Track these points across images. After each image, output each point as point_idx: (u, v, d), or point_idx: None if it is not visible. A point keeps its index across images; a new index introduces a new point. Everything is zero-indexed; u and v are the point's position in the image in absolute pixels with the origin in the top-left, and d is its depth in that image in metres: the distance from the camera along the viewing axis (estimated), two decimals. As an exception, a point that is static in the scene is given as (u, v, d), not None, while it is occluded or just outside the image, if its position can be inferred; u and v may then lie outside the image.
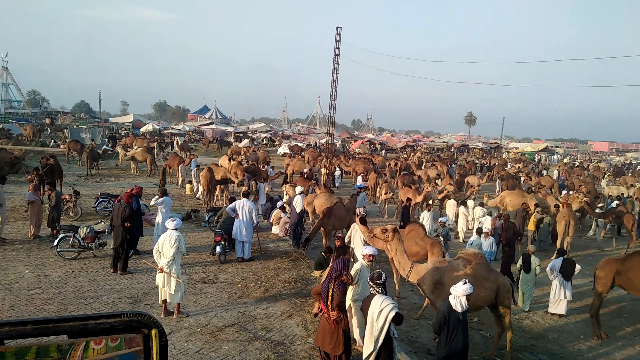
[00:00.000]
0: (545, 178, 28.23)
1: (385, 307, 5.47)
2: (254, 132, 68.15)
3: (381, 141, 69.11)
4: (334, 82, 28.70)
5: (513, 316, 8.70)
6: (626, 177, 32.05)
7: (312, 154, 38.32)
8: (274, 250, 12.77)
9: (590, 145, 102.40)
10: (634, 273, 9.00)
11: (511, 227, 14.26)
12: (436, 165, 32.83)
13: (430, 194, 19.29)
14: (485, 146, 74.01)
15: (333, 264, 6.15)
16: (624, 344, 9.05)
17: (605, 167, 46.40)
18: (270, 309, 8.65)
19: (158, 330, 1.99)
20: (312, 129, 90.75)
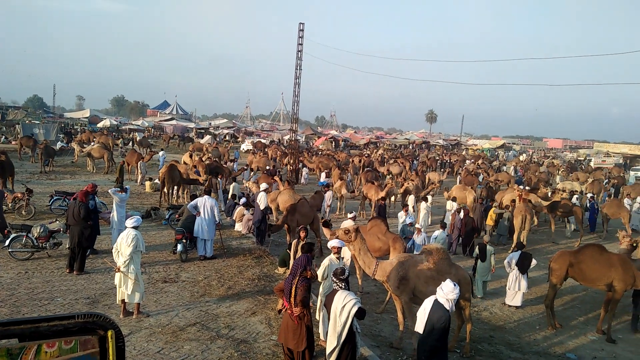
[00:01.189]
0: (502, 174, 29.16)
1: (348, 303, 5.52)
2: (216, 128, 67.17)
3: (345, 138, 69.51)
4: (297, 79, 28.63)
5: (472, 308, 8.94)
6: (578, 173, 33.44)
7: (275, 150, 38.20)
8: (237, 248, 12.66)
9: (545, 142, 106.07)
10: (585, 265, 9.41)
11: (470, 222, 14.69)
12: (398, 161, 33.30)
13: (393, 190, 19.61)
14: (445, 143, 75.57)
15: (296, 260, 6.16)
16: (576, 333, 9.46)
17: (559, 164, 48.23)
18: (234, 307, 8.58)
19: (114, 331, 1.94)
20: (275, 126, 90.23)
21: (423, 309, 5.63)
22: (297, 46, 28.55)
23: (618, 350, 8.76)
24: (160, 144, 48.69)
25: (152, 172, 24.72)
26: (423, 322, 5.48)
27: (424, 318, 5.50)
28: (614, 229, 19.13)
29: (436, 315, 5.39)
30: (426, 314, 5.52)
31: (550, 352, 8.48)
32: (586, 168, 43.11)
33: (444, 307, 5.45)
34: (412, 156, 45.09)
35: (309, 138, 65.91)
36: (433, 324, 5.37)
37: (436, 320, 5.35)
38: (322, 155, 37.31)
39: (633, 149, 66.68)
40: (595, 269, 9.26)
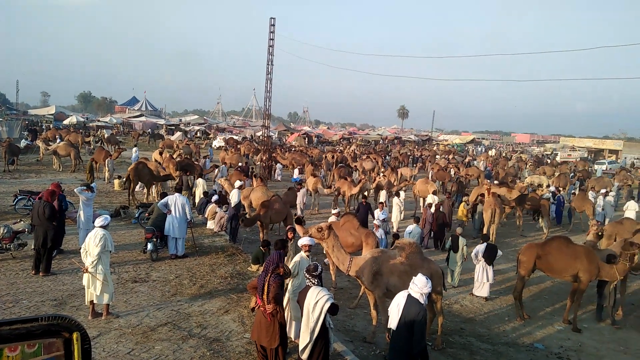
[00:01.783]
0: (472, 169, 29.70)
1: (321, 299, 5.54)
2: (187, 125, 66.24)
3: (318, 134, 69.59)
4: (268, 74, 28.48)
5: (443, 302, 9.10)
6: (545, 167, 34.33)
7: (248, 147, 37.93)
8: (209, 246, 12.54)
9: (513, 137, 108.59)
10: (552, 257, 9.68)
11: (441, 216, 14.93)
12: (371, 157, 33.54)
13: (366, 186, 19.76)
14: (417, 138, 76.50)
15: (269, 257, 6.14)
16: (544, 324, 9.74)
17: (527, 158, 49.44)
18: (206, 305, 8.50)
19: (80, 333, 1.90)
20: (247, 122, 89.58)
21: (396, 304, 5.70)
22: (269, 41, 28.41)
23: (583, 339, 9.06)
24: (130, 141, 47.77)
25: (121, 170, 24.23)
26: (396, 318, 5.55)
27: (397, 314, 5.56)
28: (579, 221, 19.78)
29: (413, 311, 5.46)
30: (400, 309, 5.59)
31: (519, 342, 8.71)
32: (552, 162, 44.26)
33: (418, 301, 5.54)
34: (384, 152, 45.47)
35: (281, 134, 65.71)
36: (412, 320, 5.43)
37: (414, 315, 5.43)
38: (295, 151, 37.26)
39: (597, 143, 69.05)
40: (562, 260, 9.54)
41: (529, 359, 8.01)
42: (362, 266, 7.63)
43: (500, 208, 15.60)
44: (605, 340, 9.12)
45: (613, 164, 45.76)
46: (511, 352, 8.21)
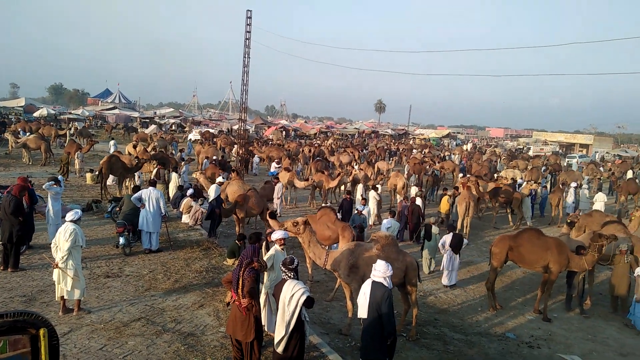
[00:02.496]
0: (447, 162, 30.07)
1: (296, 292, 5.54)
2: (161, 118, 65.25)
3: (295, 127, 69.38)
4: (245, 67, 28.18)
5: (418, 293, 9.22)
6: (518, 161, 35.00)
7: (224, 140, 37.58)
8: (184, 240, 12.41)
9: (488, 131, 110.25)
10: (524, 249, 9.90)
11: (417, 210, 15.08)
12: (348, 151, 33.63)
13: (344, 179, 19.82)
14: (394, 132, 76.99)
15: (243, 251, 6.11)
16: (515, 314, 9.96)
17: (500, 152, 50.31)
18: (180, 300, 8.43)
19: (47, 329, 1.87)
20: (224, 115, 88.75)
21: (363, 294, 5.80)
22: (245, 34, 28.09)
23: (553, 328, 9.30)
24: (103, 134, 46.86)
25: (93, 163, 23.74)
26: (366, 306, 5.64)
27: (366, 302, 5.66)
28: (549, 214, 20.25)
29: (378, 294, 5.59)
30: (367, 297, 5.69)
31: (491, 332, 8.89)
32: (524, 156, 45.11)
33: (382, 284, 5.68)
34: (361, 146, 45.65)
35: (258, 128, 65.30)
36: (378, 303, 5.55)
37: (380, 298, 5.55)
38: (272, 145, 37.09)
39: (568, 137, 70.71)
40: (533, 251, 9.76)
41: (500, 348, 8.18)
42: (338, 259, 7.68)
43: (474, 201, 15.86)
44: (574, 329, 9.37)
45: (584, 158, 46.96)
46: (484, 341, 8.38)
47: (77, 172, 21.53)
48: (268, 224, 12.55)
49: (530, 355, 8.05)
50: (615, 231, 10.98)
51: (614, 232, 10.79)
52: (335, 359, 6.73)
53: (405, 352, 7.53)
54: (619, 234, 10.79)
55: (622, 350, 8.55)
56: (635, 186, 23.67)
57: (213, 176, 18.30)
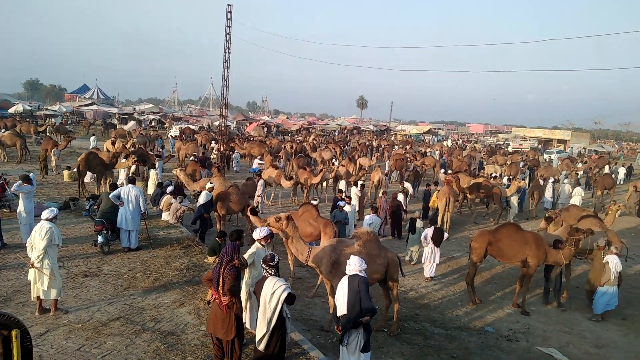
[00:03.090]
0: (428, 158, 30.27)
1: (277, 289, 5.53)
2: (141, 114, 64.35)
3: (277, 124, 69.12)
4: (225, 62, 27.99)
5: (399, 289, 9.30)
6: (497, 157, 35.43)
7: (205, 136, 37.25)
8: (164, 238, 12.27)
9: (468, 127, 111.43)
10: (503, 243, 10.04)
11: (397, 205, 15.18)
12: (330, 147, 33.64)
13: (326, 175, 19.82)
14: (375, 128, 77.29)
15: (224, 249, 6.08)
16: (494, 307, 10.10)
17: (480, 148, 50.90)
18: (160, 299, 8.34)
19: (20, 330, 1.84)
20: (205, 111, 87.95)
21: (340, 290, 5.83)
22: (226, 29, 27.91)
23: (531, 321, 9.46)
24: (80, 130, 46.05)
25: (71, 160, 23.33)
26: (344, 302, 5.66)
27: (344, 298, 5.69)
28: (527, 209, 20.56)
29: (354, 284, 5.65)
30: (345, 292, 5.72)
31: (470, 326, 9.00)
32: (503, 151, 45.70)
33: (357, 274, 5.79)
34: (343, 142, 45.70)
35: (240, 124, 64.91)
36: (356, 291, 5.59)
37: (357, 285, 5.60)
38: (253, 141, 36.89)
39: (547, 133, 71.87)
40: (512, 246, 9.91)
41: (480, 342, 8.30)
42: (320, 256, 7.68)
43: (454, 197, 16.03)
44: (551, 322, 9.55)
45: (561, 153, 47.76)
46: (463, 335, 8.49)
47: (53, 169, 21.13)
48: (249, 221, 12.51)
49: (509, 348, 8.19)
50: (592, 225, 11.20)
51: (590, 226, 11.01)
52: (317, 355, 6.75)
53: (387, 347, 7.59)
54: (595, 228, 11.01)
55: (598, 342, 8.75)
56: (611, 181, 24.19)
57: (193, 173, 18.14)
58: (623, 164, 37.55)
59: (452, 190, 16.21)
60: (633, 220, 20.61)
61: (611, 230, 11.61)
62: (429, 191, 17.49)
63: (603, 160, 36.59)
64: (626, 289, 11.43)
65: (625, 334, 9.22)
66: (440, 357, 7.54)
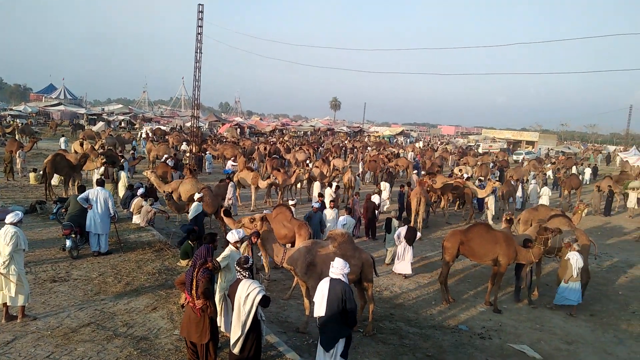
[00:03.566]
0: (401, 159, 30.60)
1: (252, 291, 5.49)
2: (110, 114, 63.03)
3: (250, 125, 68.73)
4: (197, 62, 27.71)
5: (374, 289, 9.36)
6: (468, 158, 36.09)
7: (177, 137, 36.76)
8: (135, 242, 12.04)
9: (439, 129, 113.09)
10: (474, 243, 10.22)
11: (371, 206, 15.28)
12: (304, 148, 33.63)
13: (300, 177, 19.80)
14: (349, 130, 77.66)
15: (197, 251, 5.99)
16: (467, 306, 10.26)
17: (451, 149, 51.71)
18: (132, 303, 8.17)
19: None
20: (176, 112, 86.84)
21: (320, 291, 5.82)
22: (197, 28, 27.63)
23: (503, 319, 9.65)
24: (47, 131, 44.85)
25: (37, 162, 22.67)
26: (324, 304, 5.66)
27: (324, 300, 5.68)
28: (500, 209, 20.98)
29: (338, 289, 5.64)
30: (325, 294, 5.71)
31: (444, 325, 9.13)
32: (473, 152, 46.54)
33: (340, 280, 5.74)
34: (317, 143, 45.77)
35: (212, 125, 64.30)
36: (339, 299, 5.58)
37: (340, 293, 5.60)
38: (226, 142, 36.58)
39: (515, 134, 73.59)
40: (483, 245, 10.09)
41: (454, 340, 8.42)
42: (295, 257, 7.67)
43: (425, 197, 16.19)
44: (522, 319, 9.76)
45: (530, 154, 48.96)
46: (437, 334, 8.59)
47: (19, 171, 20.50)
48: (223, 223, 12.40)
49: (482, 346, 8.33)
50: (560, 224, 11.50)
51: (559, 225, 11.32)
52: (293, 357, 6.73)
53: (362, 348, 7.62)
54: (563, 227, 11.30)
55: (567, 338, 8.98)
56: (578, 181, 25.01)
57: (164, 175, 17.89)
58: (589, 164, 38.74)
59: (424, 191, 16.40)
60: (599, 219, 21.30)
61: (579, 229, 11.94)
62: (402, 192, 17.66)
63: (570, 161, 37.68)
64: (594, 286, 11.81)
65: (593, 330, 9.50)
66: (415, 356, 7.62)
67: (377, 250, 13.62)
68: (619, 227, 19.99)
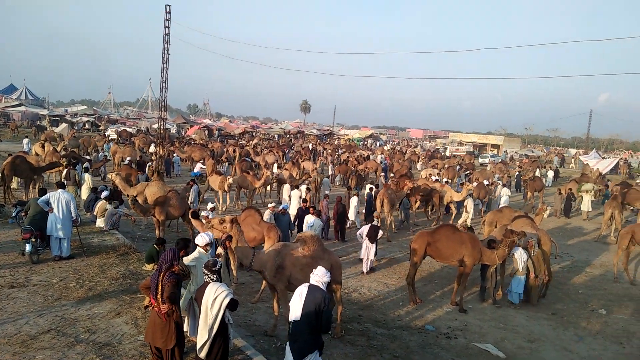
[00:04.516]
0: (370, 162, 30.87)
1: (220, 294, 5.43)
2: (73, 116, 61.32)
3: (219, 127, 68.07)
4: (164, 63, 27.26)
5: (343, 291, 9.38)
6: (436, 160, 36.71)
7: (143, 139, 36.08)
8: (98, 245, 11.72)
9: (408, 132, 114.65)
10: (441, 244, 10.38)
11: (342, 208, 15.34)
12: (274, 151, 33.53)
13: (269, 179, 19.69)
14: (319, 133, 77.82)
15: (163, 255, 5.89)
16: (434, 306, 10.42)
17: (419, 152, 52.49)
18: (95, 309, 7.96)
19: None
20: (143, 113, 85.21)
21: (299, 295, 5.73)
22: (164, 29, 27.22)
23: (469, 318, 9.84)
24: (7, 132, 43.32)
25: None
26: (299, 309, 5.56)
27: (300, 304, 5.58)
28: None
29: (318, 296, 5.57)
30: (302, 299, 5.64)
31: (412, 325, 9.24)
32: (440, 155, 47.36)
33: (319, 288, 5.69)
34: (287, 146, 45.70)
35: (180, 127, 63.42)
36: (317, 305, 5.52)
37: (319, 301, 5.53)
38: (195, 145, 36.11)
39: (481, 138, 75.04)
40: (449, 246, 10.27)
41: (420, 340, 8.53)
42: (264, 260, 7.64)
43: (389, 199, 16.29)
44: (487, 318, 9.98)
45: (495, 157, 50.11)
46: (405, 335, 8.69)
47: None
48: (191, 226, 12.22)
49: (448, 345, 8.47)
50: (524, 225, 11.82)
51: (523, 226, 11.64)
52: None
53: (331, 350, 7.63)
54: (527, 228, 11.63)
55: (530, 336, 9.23)
56: (541, 184, 25.80)
57: (128, 177, 17.55)
58: (551, 167, 39.98)
59: (387, 193, 16.53)
60: (560, 220, 21.98)
61: (542, 230, 12.28)
62: (370, 193, 17.80)
63: (535, 164, 38.77)
64: (555, 285, 12.17)
65: (554, 328, 9.79)
66: (383, 357, 7.68)
67: (347, 253, 13.70)
68: (579, 227, 20.68)
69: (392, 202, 16.60)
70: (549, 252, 11.58)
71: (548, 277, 11.24)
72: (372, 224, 12.46)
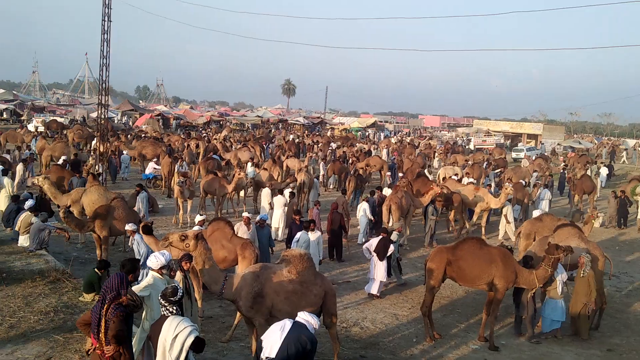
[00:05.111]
0: (374, 158, 30.88)
1: (181, 332, 5.42)
2: (-13, 103, 60.97)
3: (177, 115, 68.00)
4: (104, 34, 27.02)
5: (340, 324, 9.40)
6: (457, 156, 36.74)
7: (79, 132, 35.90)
8: (22, 271, 11.65)
9: (421, 119, 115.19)
10: (465, 263, 10.38)
11: (338, 218, 15.36)
12: (249, 145, 33.47)
13: (242, 182, 19.66)
14: (307, 122, 77.98)
15: (106, 282, 5.86)
16: (457, 343, 10.46)
17: (436, 145, 52.51)
18: (18, 352, 7.91)
19: None
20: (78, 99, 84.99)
21: (279, 330, 5.72)
22: (103, -11, 27.05)
23: (501, 358, 9.90)
24: None
25: None
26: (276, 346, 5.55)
27: (279, 340, 5.56)
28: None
29: (302, 337, 5.55)
30: (284, 334, 5.62)
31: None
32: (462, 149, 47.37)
33: (306, 326, 5.68)
34: (266, 139, 45.71)
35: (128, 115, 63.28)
36: (302, 347, 5.50)
37: (304, 343, 5.51)
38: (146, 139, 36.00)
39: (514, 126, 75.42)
40: (475, 265, 10.25)
41: (441, 387, 8.57)
42: (239, 286, 7.62)
43: (397, 205, 16.31)
44: (525, 358, 10.03)
45: (532, 151, 50.10)
46: (421, 381, 8.73)
47: None
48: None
49: (476, 393, 8.51)
50: (570, 237, 11.76)
51: (568, 238, 11.61)
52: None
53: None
54: (574, 240, 11.56)
55: (580, 380, 9.30)
56: (591, 184, 25.61)
57: (60, 181, 17.47)
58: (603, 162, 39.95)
59: (397, 198, 16.56)
60: (615, 231, 22.02)
61: (592, 243, 12.25)
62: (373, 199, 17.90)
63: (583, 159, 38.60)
64: (611, 313, 12.26)
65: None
66: (393, 410, 7.71)
67: (345, 276, 13.73)
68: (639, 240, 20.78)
69: (402, 209, 16.63)
70: (602, 271, 11.63)
71: (601, 304, 11.29)
72: (385, 235, 12.48)
